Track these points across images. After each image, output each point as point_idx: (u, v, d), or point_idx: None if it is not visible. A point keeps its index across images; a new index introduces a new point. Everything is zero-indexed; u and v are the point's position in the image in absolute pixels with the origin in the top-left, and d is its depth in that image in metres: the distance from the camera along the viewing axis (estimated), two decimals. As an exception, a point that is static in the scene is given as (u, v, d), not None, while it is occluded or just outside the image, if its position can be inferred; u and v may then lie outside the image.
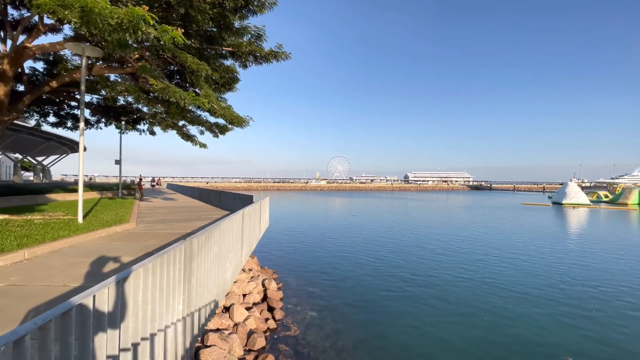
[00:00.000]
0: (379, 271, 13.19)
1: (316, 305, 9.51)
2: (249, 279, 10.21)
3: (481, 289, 11.17)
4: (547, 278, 12.46)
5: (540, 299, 10.22)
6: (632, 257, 16.20)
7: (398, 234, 22.56)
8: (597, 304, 9.89)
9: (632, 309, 9.47)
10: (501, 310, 9.37)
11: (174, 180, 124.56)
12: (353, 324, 8.35)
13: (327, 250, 17.07)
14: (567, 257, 16.21)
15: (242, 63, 12.44)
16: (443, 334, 7.90)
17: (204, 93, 10.86)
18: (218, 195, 18.52)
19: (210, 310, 5.22)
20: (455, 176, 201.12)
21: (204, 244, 4.64)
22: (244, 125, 12.76)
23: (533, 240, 20.90)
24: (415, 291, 10.89)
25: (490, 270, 13.52)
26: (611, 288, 11.37)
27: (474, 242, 19.81)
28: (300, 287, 11.16)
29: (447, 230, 25.10)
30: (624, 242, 20.75)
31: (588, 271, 13.53)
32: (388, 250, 17.24)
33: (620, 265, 14.50)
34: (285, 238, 20.26)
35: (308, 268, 13.55)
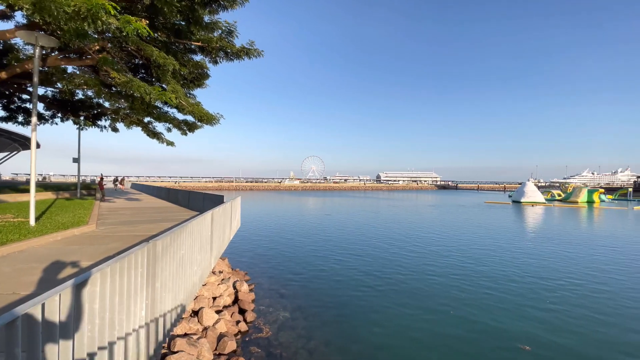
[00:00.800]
0: (351, 270, 13.37)
1: (289, 306, 9.46)
2: (219, 282, 9.95)
3: (447, 284, 11.67)
4: (506, 272, 13.24)
5: (501, 292, 10.85)
6: (581, 252, 17.65)
7: (370, 233, 22.99)
8: (551, 294, 10.66)
9: (581, 298, 10.31)
10: (466, 303, 9.83)
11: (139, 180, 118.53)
12: (325, 324, 8.39)
13: (300, 250, 17.03)
14: (524, 251, 17.35)
15: (212, 59, 12.08)
16: (413, 330, 8.15)
17: (171, 88, 10.42)
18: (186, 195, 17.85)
19: (177, 315, 5.02)
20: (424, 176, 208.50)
21: (170, 247, 4.45)
22: (214, 123, 12.40)
23: (494, 236, 22.16)
24: (386, 289, 11.15)
25: (456, 266, 14.16)
26: (563, 280, 12.30)
27: (441, 240, 20.65)
28: (272, 288, 11.05)
29: (416, 228, 25.96)
30: (574, 238, 22.57)
31: (542, 264, 14.55)
32: (360, 249, 17.52)
33: (571, 259, 15.75)
34: (257, 239, 19.96)
35: (281, 269, 13.44)
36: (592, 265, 14.45)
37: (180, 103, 10.73)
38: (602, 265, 14.60)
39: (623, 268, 14.14)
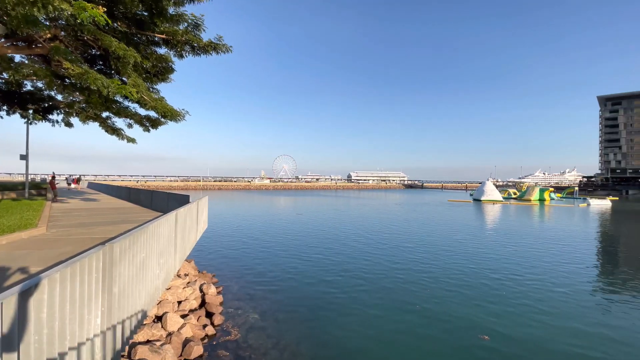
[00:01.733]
0: (321, 269, 13.45)
1: (259, 307, 9.33)
2: (184, 285, 9.59)
3: (414, 280, 12.11)
4: (466, 267, 14.00)
5: (462, 286, 11.44)
6: (534, 246, 19.10)
7: (340, 232, 23.26)
8: (506, 286, 11.42)
9: (532, 289, 11.15)
10: (431, 298, 10.25)
11: (96, 179, 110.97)
12: (296, 324, 8.37)
13: (271, 250, 16.85)
14: (483, 247, 18.45)
15: (177, 52, 11.57)
16: (382, 327, 8.36)
17: (132, 82, 9.84)
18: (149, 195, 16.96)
19: (138, 321, 4.76)
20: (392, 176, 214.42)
21: (129, 249, 4.21)
22: (179, 119, 11.90)
23: (456, 233, 23.35)
24: (355, 287, 11.34)
25: (421, 262, 14.73)
26: (518, 273, 13.23)
27: (407, 238, 21.39)
28: (242, 289, 10.83)
29: (384, 227, 26.68)
30: (528, 233, 24.38)
31: (499, 259, 15.56)
32: (331, 248, 17.68)
33: (524, 253, 16.99)
34: (226, 240, 19.47)
35: (250, 270, 13.21)
36: (542, 259, 15.68)
37: (142, 98, 10.17)
38: (551, 258, 15.88)
39: (568, 261, 15.49)
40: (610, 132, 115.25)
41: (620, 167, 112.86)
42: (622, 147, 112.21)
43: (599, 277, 13.20)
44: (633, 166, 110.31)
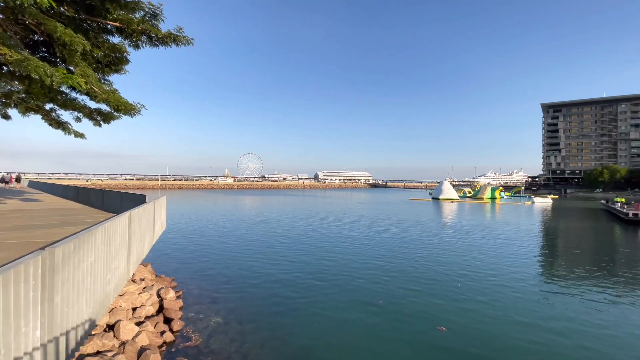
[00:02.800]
0: (286, 270, 13.37)
1: (221, 310, 9.04)
2: (140, 290, 9.02)
3: (376, 276, 12.46)
4: (425, 261, 14.70)
5: (421, 280, 11.99)
6: (486, 240, 20.53)
7: (305, 232, 23.30)
8: (461, 278, 12.17)
9: (487, 281, 11.98)
10: (392, 293, 10.61)
11: (39, 177, 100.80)
12: (261, 326, 8.23)
13: (234, 252, 16.43)
14: (440, 243, 19.49)
15: (133, 42, 10.80)
16: (346, 324, 8.49)
17: (81, 72, 9.03)
18: (100, 194, 15.70)
19: (85, 332, 4.39)
20: (358, 175, 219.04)
21: (74, 254, 3.86)
22: (134, 114, 11.13)
23: (416, 230, 24.42)
24: (319, 286, 11.42)
25: (383, 259, 15.20)
26: (472, 266, 14.14)
27: (370, 235, 21.97)
28: (203, 293, 10.42)
29: (349, 225, 27.18)
30: (480, 229, 26.16)
31: (454, 254, 16.53)
32: (295, 248, 17.64)
33: (477, 247, 18.21)
34: (186, 241, 18.64)
35: (212, 272, 12.77)
36: (493, 253, 16.91)
37: (92, 89, 9.38)
38: (501, 252, 17.18)
39: (516, 255, 16.86)
40: (551, 136, 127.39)
41: (560, 168, 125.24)
42: (562, 150, 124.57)
43: (542, 269, 14.51)
44: (570, 167, 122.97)
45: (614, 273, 13.55)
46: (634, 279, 12.72)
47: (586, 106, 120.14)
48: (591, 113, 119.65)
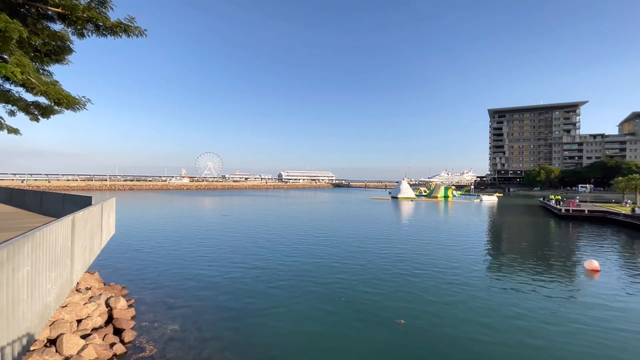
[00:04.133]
0: (246, 271, 13.10)
1: (178, 317, 8.61)
2: (86, 300, 8.31)
3: (337, 274, 12.67)
4: (386, 257, 15.27)
5: (380, 275, 12.43)
6: (440, 236, 21.84)
7: (267, 232, 23.01)
8: (419, 272, 12.82)
9: (441, 274, 12.74)
10: (353, 289, 10.87)
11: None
12: (221, 331, 7.98)
13: (192, 255, 15.73)
14: (398, 239, 20.37)
15: (77, 31, 9.91)
16: (308, 324, 8.54)
17: (16, 60, 8.10)
18: (38, 197, 14.17)
19: (22, 348, 3.95)
20: (321, 175, 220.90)
21: (7, 262, 3.45)
22: (78, 108, 10.23)
23: (376, 227, 25.29)
24: (280, 287, 11.35)
25: (344, 257, 15.52)
26: (429, 261, 14.95)
27: (331, 234, 22.32)
28: (158, 300, 9.85)
29: (310, 224, 27.36)
30: (435, 225, 27.77)
31: (411, 248, 17.38)
32: (256, 248, 17.35)
33: (433, 242, 19.31)
34: (138, 246, 17.48)
35: (168, 278, 12.11)
36: (447, 248, 18.04)
37: (29, 80, 8.47)
38: (454, 247, 18.39)
39: (467, 248, 18.15)
40: (497, 139, 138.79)
41: (504, 168, 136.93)
42: (506, 152, 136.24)
43: (490, 262, 15.76)
44: (513, 168, 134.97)
45: (550, 263, 15.15)
46: (565, 267, 14.32)
47: (526, 112, 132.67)
48: (530, 119, 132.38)
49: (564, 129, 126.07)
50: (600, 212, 33.70)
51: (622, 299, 10.31)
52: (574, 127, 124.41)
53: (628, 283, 12.12)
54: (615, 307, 9.61)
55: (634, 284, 12.04)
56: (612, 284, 11.91)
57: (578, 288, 11.54)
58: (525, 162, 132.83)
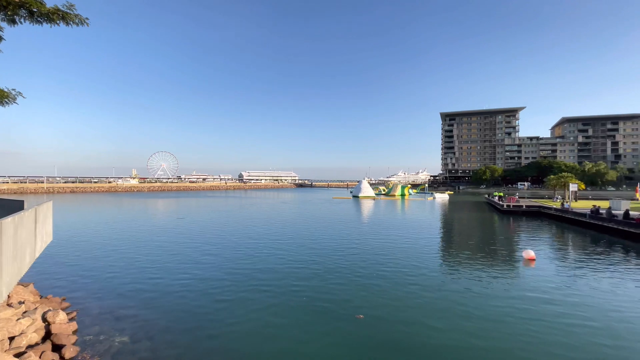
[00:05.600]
0: (202, 277, 12.59)
1: (127, 329, 8.05)
2: (19, 316, 7.45)
3: (298, 271, 12.70)
4: (345, 254, 15.62)
5: (341, 271, 12.70)
6: (397, 233, 22.83)
7: (225, 234, 22.37)
8: (377, 268, 13.30)
9: (398, 269, 13.33)
10: (314, 287, 10.97)
11: None
12: (175, 337, 7.61)
13: (141, 261, 14.77)
14: (358, 236, 20.95)
15: (7, 17, 8.82)
16: (269, 323, 8.45)
17: None
18: (-44, 202, 12.36)
19: None
20: (284, 175, 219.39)
21: None
22: (8, 102, 9.12)
23: (337, 226, 25.76)
24: (239, 290, 11.11)
25: (303, 256, 15.61)
26: (386, 257, 15.56)
27: (293, 233, 22.32)
28: (104, 311, 9.11)
29: (271, 225, 27.09)
30: (392, 222, 28.97)
31: (371, 245, 17.98)
32: (212, 252, 16.79)
33: (390, 239, 20.14)
34: (81, 254, 16.03)
35: (115, 287, 11.26)
36: (404, 244, 18.92)
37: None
38: (410, 243, 19.34)
39: (422, 244, 19.20)
40: (448, 141, 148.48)
41: (455, 168, 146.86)
42: (456, 153, 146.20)
43: (443, 255, 16.83)
44: (462, 168, 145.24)
45: (494, 255, 16.57)
46: (507, 257, 15.76)
47: (474, 116, 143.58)
48: (477, 122, 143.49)
49: (505, 132, 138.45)
50: (535, 207, 37.59)
51: (554, 284, 11.61)
52: (514, 130, 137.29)
53: (559, 269, 13.69)
54: (548, 292, 10.80)
55: (564, 269, 13.63)
56: (546, 271, 13.36)
57: (517, 275, 12.77)
58: (473, 162, 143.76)
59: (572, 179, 46.66)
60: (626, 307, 9.54)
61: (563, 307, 9.47)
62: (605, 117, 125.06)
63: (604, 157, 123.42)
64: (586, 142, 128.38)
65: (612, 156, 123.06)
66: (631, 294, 10.64)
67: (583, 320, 8.53)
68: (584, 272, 13.15)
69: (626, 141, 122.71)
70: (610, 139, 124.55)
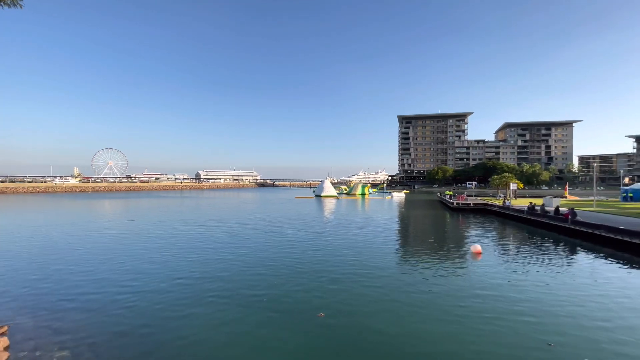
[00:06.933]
0: (154, 280, 11.83)
1: (68, 341, 7.30)
2: None
3: (259, 272, 12.48)
4: (307, 253, 15.67)
5: (303, 270, 12.72)
6: (357, 230, 23.42)
7: (179, 236, 21.31)
8: (338, 266, 13.52)
9: (357, 266, 13.67)
10: (273, 287, 10.84)
11: None
12: (124, 348, 7.07)
13: (82, 270, 13.47)
14: (320, 234, 21.14)
15: None
16: (229, 325, 8.18)
17: None
18: None
19: None
20: (245, 175, 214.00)
21: None
22: None
23: (299, 225, 25.78)
24: (194, 292, 10.64)
25: (262, 256, 15.41)
26: (347, 255, 15.88)
27: (253, 234, 21.92)
28: (40, 324, 8.18)
29: (230, 226, 26.35)
30: (353, 220, 29.66)
31: (332, 243, 18.24)
32: (164, 255, 15.89)
33: (351, 236, 20.60)
34: (9, 263, 14.26)
35: (51, 298, 10.13)
36: (364, 241, 19.45)
37: None
38: (370, 240, 19.93)
39: (381, 241, 19.89)
40: (404, 143, 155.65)
41: (411, 168, 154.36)
42: (412, 154, 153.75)
43: (400, 252, 17.58)
44: (417, 168, 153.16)
45: (445, 249, 17.69)
46: (457, 252, 16.92)
47: (428, 119, 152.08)
48: (431, 125, 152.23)
49: (456, 135, 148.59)
50: (481, 205, 40.82)
51: (499, 275, 12.70)
52: (463, 133, 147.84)
53: (502, 261, 15.00)
54: (494, 283, 11.79)
55: (507, 262, 14.95)
56: (491, 263, 14.56)
57: (466, 267, 13.77)
58: (427, 162, 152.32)
59: (512, 178, 51.31)
60: (561, 294, 10.74)
61: (507, 298, 10.40)
62: (540, 123, 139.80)
63: (539, 159, 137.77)
64: (524, 145, 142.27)
65: (546, 158, 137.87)
66: (565, 281, 12.00)
67: (523, 309, 9.45)
68: (523, 263, 14.58)
69: (557, 145, 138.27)
70: (544, 143, 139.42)
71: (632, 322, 8.43)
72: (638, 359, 6.67)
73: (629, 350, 6.98)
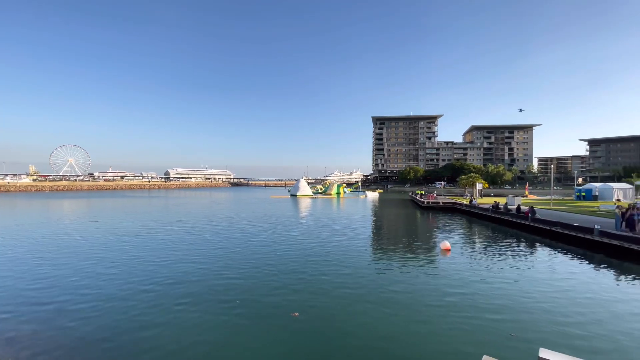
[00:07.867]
0: (120, 284, 11.29)
1: (23, 350, 6.76)
2: None
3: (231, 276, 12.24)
4: (281, 254, 15.59)
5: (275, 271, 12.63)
6: (332, 229, 23.58)
7: (145, 238, 20.42)
8: (311, 265, 13.55)
9: (331, 265, 13.76)
10: (247, 289, 10.70)
11: None
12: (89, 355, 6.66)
13: (44, 272, 12.59)
14: (296, 233, 21.10)
15: None
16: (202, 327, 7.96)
17: None
18: None
19: None
20: (218, 174, 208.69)
21: None
22: None
23: (272, 226, 25.57)
24: (162, 300, 10.24)
25: (238, 257, 15.16)
26: (321, 253, 15.95)
27: (222, 236, 21.46)
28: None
29: (200, 227, 25.63)
30: (328, 220, 29.84)
31: (307, 241, 18.24)
32: (131, 258, 15.16)
33: (325, 235, 20.71)
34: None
35: (8, 305, 9.40)
36: (337, 240, 19.63)
37: None
38: (343, 238, 20.14)
39: (355, 239, 20.16)
40: (378, 143, 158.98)
41: (384, 168, 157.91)
42: (385, 154, 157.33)
43: (373, 250, 17.90)
44: (391, 168, 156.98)
45: (416, 246, 18.26)
46: (427, 249, 17.53)
47: (400, 121, 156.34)
48: (403, 126, 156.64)
49: (427, 136, 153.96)
50: (450, 203, 42.60)
51: (466, 270, 13.31)
52: (434, 135, 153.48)
53: (470, 257, 15.72)
54: (462, 278, 12.33)
55: (474, 258, 15.69)
56: (459, 259, 15.22)
57: (435, 263, 14.30)
58: (400, 163, 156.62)
59: (478, 178, 53.98)
60: (524, 288, 11.43)
61: (474, 293, 10.92)
62: (504, 126, 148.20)
63: (503, 160, 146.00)
64: (490, 147, 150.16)
65: (509, 160, 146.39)
66: (527, 275, 12.79)
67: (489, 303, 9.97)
68: (489, 258, 15.38)
69: (519, 147, 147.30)
70: (507, 145, 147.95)
71: (589, 312, 9.17)
72: (590, 341, 7.27)
73: (584, 336, 7.60)
